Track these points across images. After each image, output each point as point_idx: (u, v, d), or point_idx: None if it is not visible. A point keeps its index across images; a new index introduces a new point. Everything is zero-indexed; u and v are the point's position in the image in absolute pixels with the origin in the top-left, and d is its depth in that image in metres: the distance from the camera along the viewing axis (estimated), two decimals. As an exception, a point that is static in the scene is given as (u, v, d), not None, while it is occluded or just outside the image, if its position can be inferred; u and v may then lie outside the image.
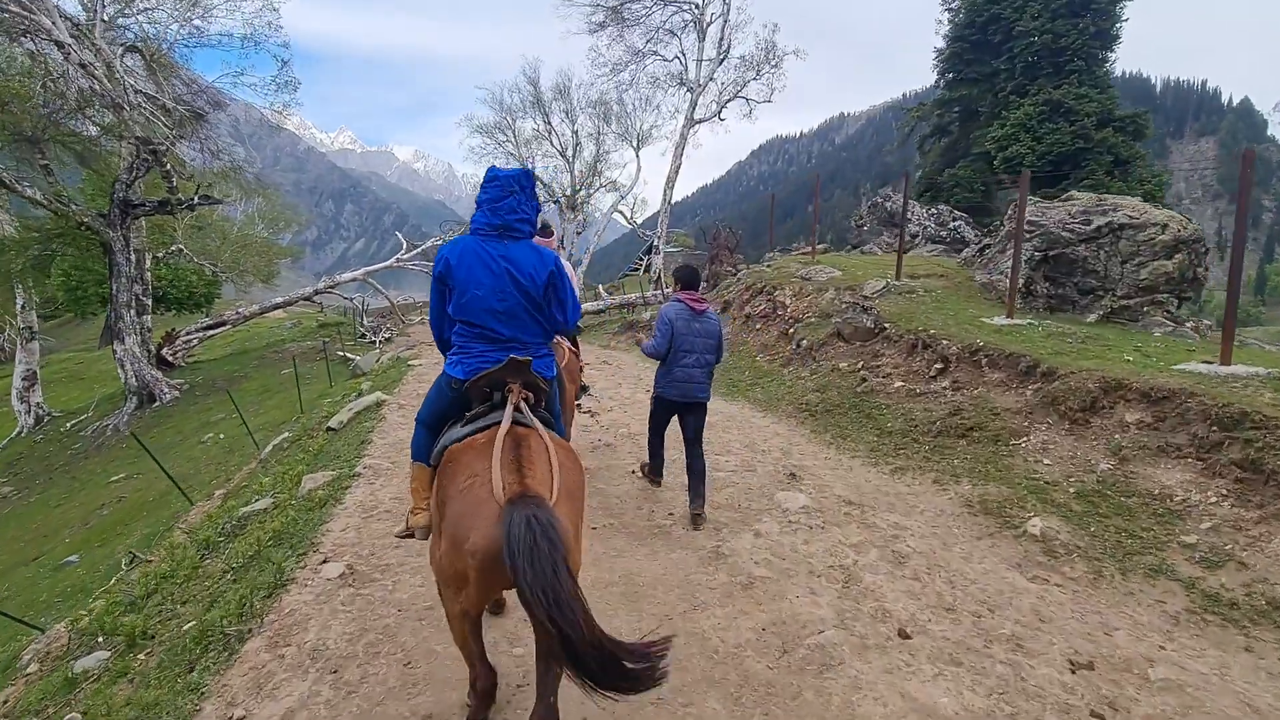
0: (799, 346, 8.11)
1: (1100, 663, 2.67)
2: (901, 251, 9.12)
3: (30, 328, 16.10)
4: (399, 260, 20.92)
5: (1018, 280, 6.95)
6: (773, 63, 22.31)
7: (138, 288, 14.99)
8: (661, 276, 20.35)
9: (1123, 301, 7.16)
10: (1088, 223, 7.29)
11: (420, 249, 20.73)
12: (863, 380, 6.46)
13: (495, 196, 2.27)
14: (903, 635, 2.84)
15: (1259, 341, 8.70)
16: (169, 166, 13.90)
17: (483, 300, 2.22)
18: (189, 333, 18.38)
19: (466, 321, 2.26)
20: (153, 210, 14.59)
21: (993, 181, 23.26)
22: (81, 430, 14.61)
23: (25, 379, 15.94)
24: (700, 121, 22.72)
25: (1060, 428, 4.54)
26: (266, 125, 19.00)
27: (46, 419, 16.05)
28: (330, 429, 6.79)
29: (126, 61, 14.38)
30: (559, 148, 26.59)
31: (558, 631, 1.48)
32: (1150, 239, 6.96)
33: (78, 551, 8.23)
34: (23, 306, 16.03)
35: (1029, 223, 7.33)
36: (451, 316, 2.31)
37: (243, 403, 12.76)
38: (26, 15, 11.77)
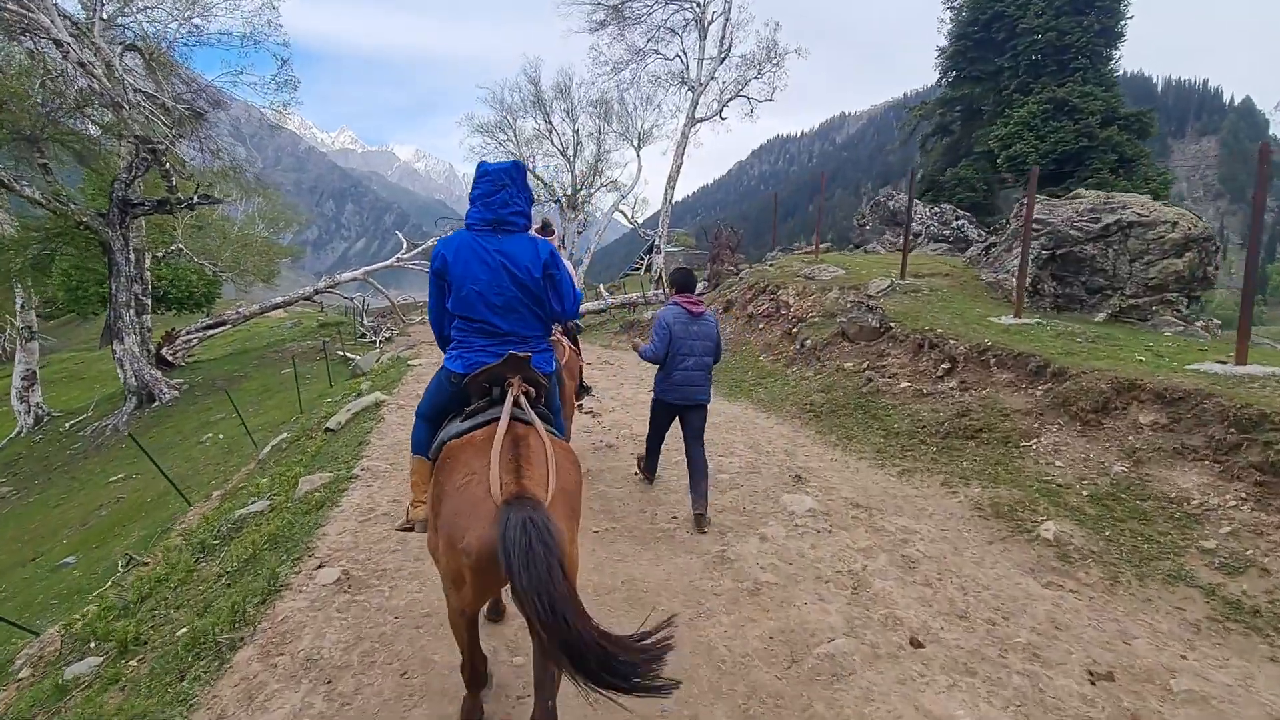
0: (803, 346, 8.01)
1: (1120, 673, 2.58)
2: (906, 250, 9.02)
3: (30, 327, 16.04)
4: (399, 260, 20.86)
5: (1025, 279, 6.85)
6: (774, 61, 22.23)
7: (137, 287, 14.92)
8: (662, 276, 20.27)
9: (1131, 300, 7.06)
10: (1096, 221, 7.19)
11: (420, 248, 20.65)
12: (868, 380, 6.37)
13: (487, 191, 2.29)
14: (915, 644, 2.75)
15: (1270, 341, 8.59)
16: (168, 166, 13.83)
17: (480, 295, 2.23)
18: (189, 332, 18.32)
19: (465, 316, 2.27)
20: (152, 209, 14.52)
21: (995, 181, 23.14)
22: (81, 430, 14.55)
23: (25, 379, 15.89)
24: (701, 120, 22.62)
25: (1072, 429, 4.44)
26: (267, 125, 18.92)
27: (46, 419, 15.98)
28: (329, 430, 6.71)
29: (126, 60, 14.32)
30: (560, 147, 26.54)
31: (554, 633, 1.48)
32: (1160, 237, 6.86)
33: (75, 552, 8.19)
34: (22, 306, 15.97)
35: (1036, 221, 7.23)
36: (450, 312, 2.32)
37: (242, 403, 12.69)
38: (25, 14, 11.70)
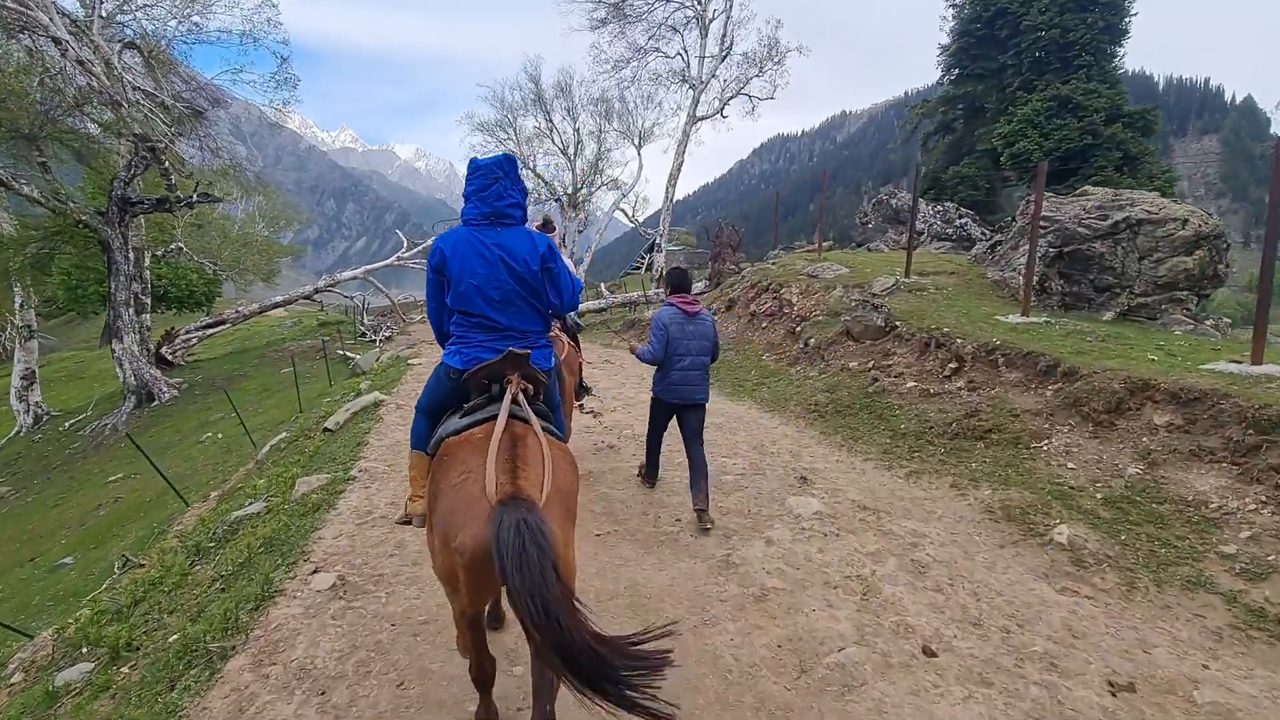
0: (807, 345, 7.92)
1: (1141, 684, 2.49)
2: (911, 248, 8.93)
3: (29, 326, 15.98)
4: (400, 259, 20.80)
5: (1033, 277, 6.75)
6: (775, 59, 22.09)
7: (136, 286, 14.85)
8: (663, 275, 20.15)
9: (1140, 299, 6.96)
10: (1104, 218, 7.09)
11: (420, 247, 20.58)
12: (874, 380, 6.28)
13: (481, 186, 2.29)
14: (928, 653, 2.67)
15: None
16: (167, 164, 13.74)
17: (478, 289, 2.22)
18: (188, 331, 18.27)
19: (463, 311, 2.26)
20: (151, 208, 14.44)
21: (997, 179, 23.04)
22: (80, 430, 14.50)
23: (24, 378, 15.83)
24: (703, 119, 22.51)
25: (1084, 430, 4.35)
26: (267, 124, 18.83)
27: (45, 418, 15.93)
28: (327, 430, 6.63)
29: (125, 58, 14.24)
30: (560, 146, 26.44)
31: (547, 636, 1.46)
32: (1170, 234, 6.76)
33: (73, 553, 8.13)
34: (21, 305, 15.91)
35: (1043, 218, 7.13)
36: (449, 307, 2.31)
37: (242, 402, 12.63)
38: (24, 11, 11.63)
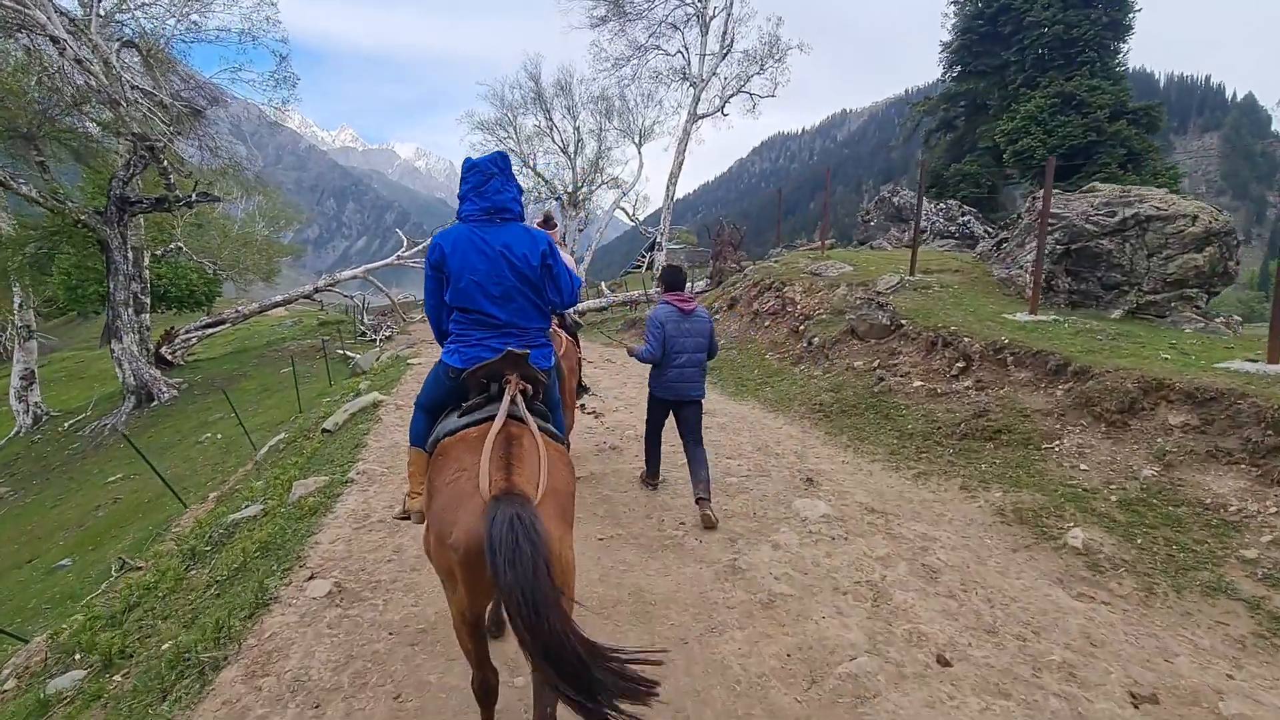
0: (810, 344, 7.83)
1: (1164, 694, 2.41)
2: (916, 246, 8.83)
3: (28, 326, 15.91)
4: (400, 258, 20.74)
5: (1041, 275, 6.66)
6: (776, 57, 22.00)
7: (136, 286, 14.79)
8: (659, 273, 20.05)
9: (1149, 297, 6.86)
10: (1112, 215, 6.99)
11: (420, 246, 20.52)
12: (879, 380, 6.19)
13: (478, 183, 2.27)
14: (942, 662, 2.59)
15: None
16: (166, 163, 13.67)
17: (479, 285, 2.19)
18: (188, 331, 18.20)
19: (463, 308, 2.24)
20: (150, 208, 14.37)
21: (1000, 176, 22.93)
22: (79, 430, 14.44)
23: (23, 378, 15.77)
24: (703, 117, 22.41)
25: (1096, 430, 4.26)
26: (267, 123, 18.76)
27: (45, 418, 15.87)
28: (326, 431, 6.56)
29: (123, 57, 14.17)
30: (560, 144, 26.37)
31: (536, 635, 1.44)
32: (1179, 231, 6.66)
33: (71, 555, 8.08)
34: (20, 305, 15.84)
35: (1050, 215, 7.04)
36: (449, 305, 2.29)
37: (242, 402, 12.56)
38: (22, 10, 11.56)
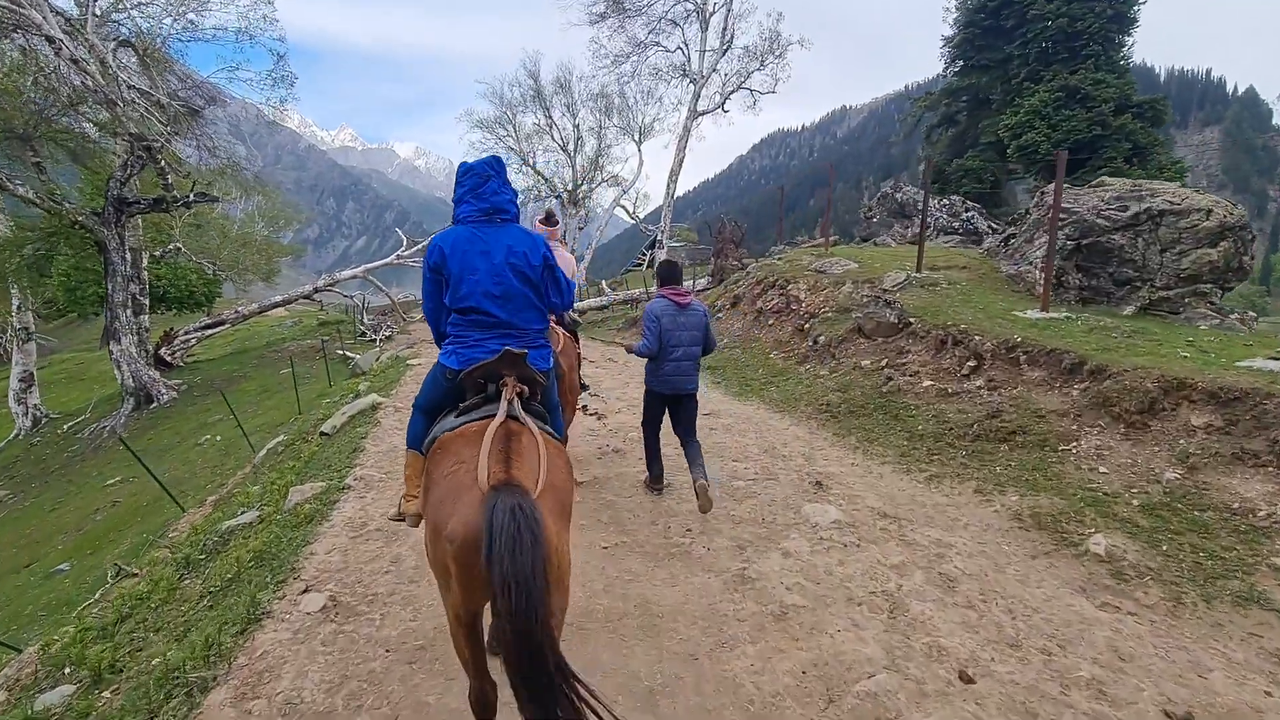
0: (816, 343, 7.71)
1: (1200, 713, 2.29)
2: (923, 242, 8.70)
3: (26, 328, 15.83)
4: (399, 257, 20.64)
5: (1052, 271, 6.53)
6: (777, 53, 21.83)
7: (134, 287, 14.67)
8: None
9: (1162, 292, 6.74)
10: (1124, 209, 6.86)
11: (419, 245, 20.41)
12: (888, 379, 6.07)
13: (475, 185, 2.28)
14: (965, 679, 2.47)
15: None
16: (164, 163, 13.56)
17: (480, 285, 2.18)
18: (187, 332, 18.11)
19: (462, 309, 2.21)
20: (148, 208, 14.26)
21: (1003, 171, 22.76)
22: (78, 432, 14.36)
23: (22, 380, 15.69)
24: (703, 113, 22.25)
25: (1115, 431, 4.14)
26: (266, 123, 18.64)
27: (44, 421, 15.79)
28: (324, 434, 6.45)
29: (120, 57, 14.04)
30: (560, 142, 26.23)
31: (518, 628, 1.41)
32: (1193, 225, 6.53)
33: (70, 559, 8.01)
34: (19, 307, 15.75)
35: (1060, 210, 6.90)
36: (448, 307, 2.26)
37: (242, 403, 12.47)
38: (17, 10, 11.44)
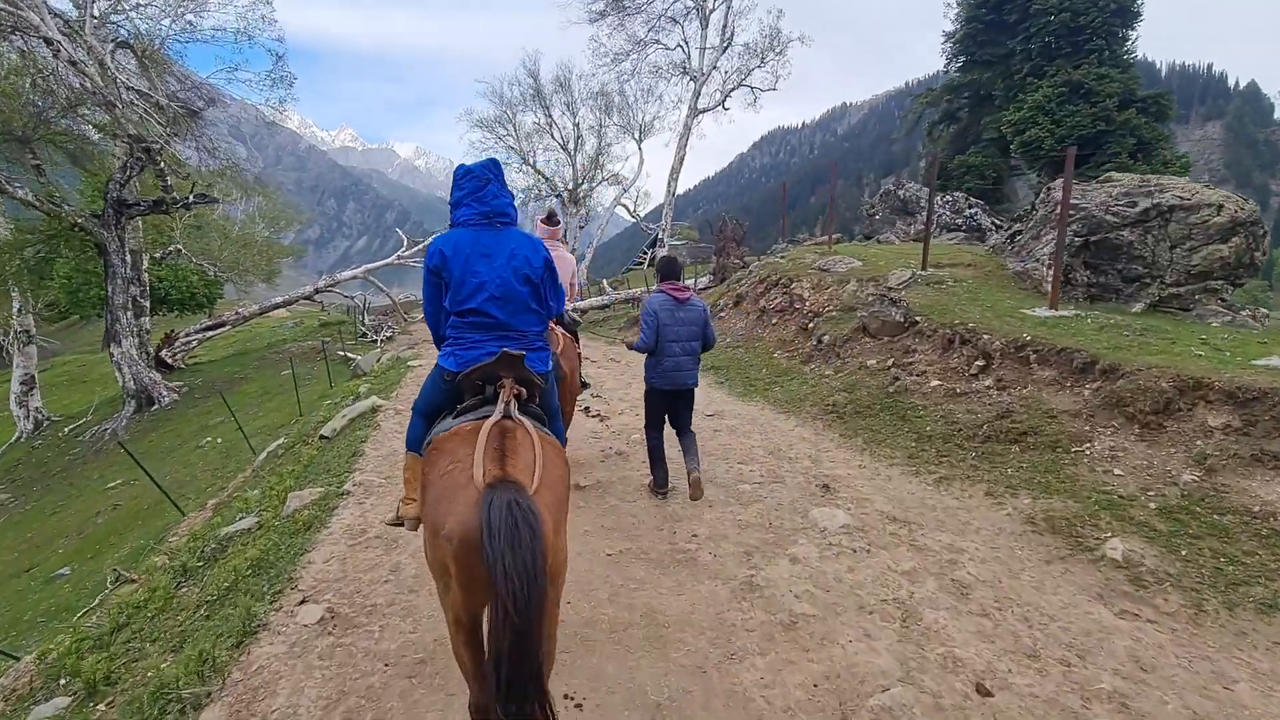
0: (820, 342, 7.62)
1: (1227, 728, 2.21)
2: (928, 240, 8.60)
3: (27, 331, 15.79)
4: (400, 257, 20.57)
5: (1061, 268, 6.43)
6: (777, 50, 21.66)
7: (135, 289, 14.63)
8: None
9: (1172, 289, 6.63)
10: (1133, 205, 6.76)
11: (420, 245, 20.34)
12: (894, 379, 5.98)
13: (475, 188, 2.27)
14: (982, 692, 2.39)
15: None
16: (163, 165, 13.50)
17: (481, 287, 2.18)
18: (188, 334, 18.06)
19: (462, 311, 2.20)
20: (148, 210, 14.21)
21: (1006, 167, 22.63)
22: (80, 435, 14.33)
23: (23, 383, 15.66)
24: (704, 111, 22.12)
25: (1129, 432, 4.05)
26: (265, 124, 18.58)
27: (45, 424, 15.77)
28: (324, 437, 6.39)
29: (118, 58, 13.96)
30: (560, 141, 26.11)
31: (518, 629, 1.39)
32: (1204, 221, 6.43)
33: (70, 563, 7.96)
34: (19, 310, 15.72)
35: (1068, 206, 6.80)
36: (447, 309, 2.25)
37: (242, 405, 12.42)
38: (15, 11, 11.38)
